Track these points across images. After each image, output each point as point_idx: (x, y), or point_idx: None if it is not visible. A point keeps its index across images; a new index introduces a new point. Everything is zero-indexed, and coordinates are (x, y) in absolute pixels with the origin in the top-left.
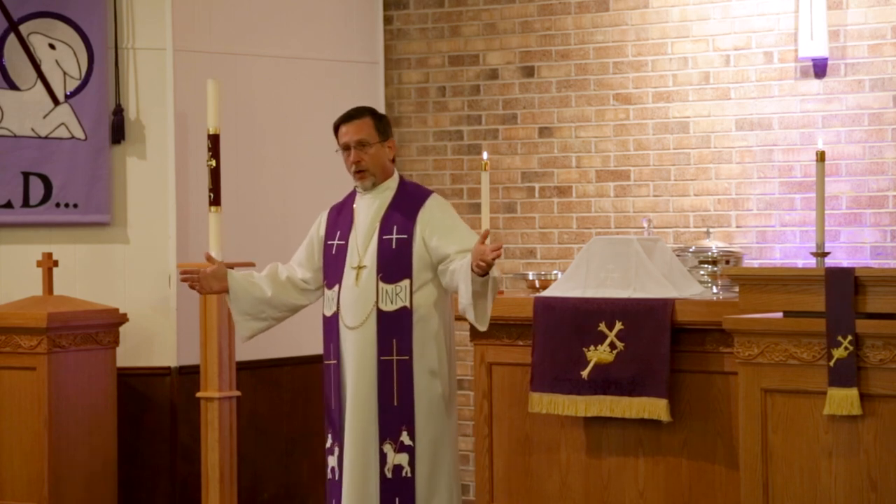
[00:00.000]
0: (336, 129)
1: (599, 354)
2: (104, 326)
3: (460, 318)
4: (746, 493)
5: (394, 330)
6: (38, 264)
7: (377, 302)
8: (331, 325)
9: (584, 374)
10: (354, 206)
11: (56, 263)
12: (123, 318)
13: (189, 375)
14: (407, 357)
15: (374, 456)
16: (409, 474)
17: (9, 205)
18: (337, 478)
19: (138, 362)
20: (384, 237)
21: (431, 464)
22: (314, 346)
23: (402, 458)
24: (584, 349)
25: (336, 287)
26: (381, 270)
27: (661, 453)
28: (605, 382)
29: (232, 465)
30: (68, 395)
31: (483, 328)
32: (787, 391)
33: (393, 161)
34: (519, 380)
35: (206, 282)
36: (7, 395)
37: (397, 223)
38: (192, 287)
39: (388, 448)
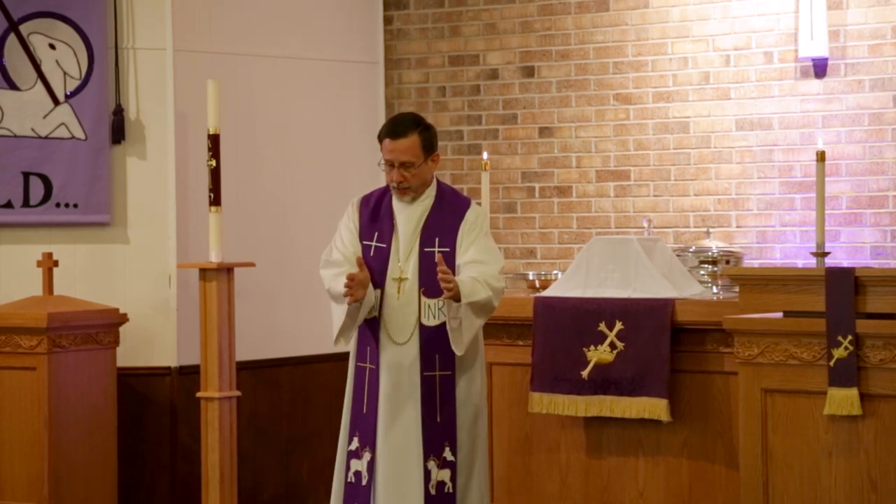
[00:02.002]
0: (381, 139)
1: (599, 354)
2: (104, 326)
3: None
4: (746, 493)
5: (436, 345)
6: (38, 264)
7: (419, 317)
8: (370, 330)
9: (585, 374)
10: (394, 209)
11: (56, 263)
12: (123, 318)
13: (189, 375)
14: (449, 372)
15: (417, 473)
16: (450, 490)
17: (9, 205)
18: (364, 483)
19: (138, 362)
20: (426, 250)
21: (467, 475)
22: (314, 346)
23: (445, 474)
24: (584, 349)
25: (378, 292)
26: (423, 284)
27: (661, 453)
28: (605, 382)
29: (232, 465)
30: (68, 395)
31: (457, 352)
32: (788, 391)
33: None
34: (519, 380)
35: (358, 288)
36: (7, 395)
37: (439, 236)
38: (347, 294)
39: (432, 465)
